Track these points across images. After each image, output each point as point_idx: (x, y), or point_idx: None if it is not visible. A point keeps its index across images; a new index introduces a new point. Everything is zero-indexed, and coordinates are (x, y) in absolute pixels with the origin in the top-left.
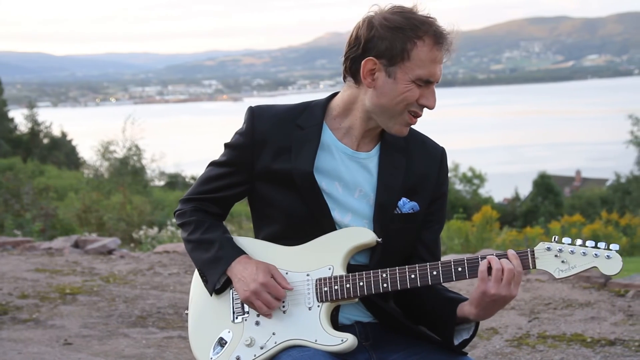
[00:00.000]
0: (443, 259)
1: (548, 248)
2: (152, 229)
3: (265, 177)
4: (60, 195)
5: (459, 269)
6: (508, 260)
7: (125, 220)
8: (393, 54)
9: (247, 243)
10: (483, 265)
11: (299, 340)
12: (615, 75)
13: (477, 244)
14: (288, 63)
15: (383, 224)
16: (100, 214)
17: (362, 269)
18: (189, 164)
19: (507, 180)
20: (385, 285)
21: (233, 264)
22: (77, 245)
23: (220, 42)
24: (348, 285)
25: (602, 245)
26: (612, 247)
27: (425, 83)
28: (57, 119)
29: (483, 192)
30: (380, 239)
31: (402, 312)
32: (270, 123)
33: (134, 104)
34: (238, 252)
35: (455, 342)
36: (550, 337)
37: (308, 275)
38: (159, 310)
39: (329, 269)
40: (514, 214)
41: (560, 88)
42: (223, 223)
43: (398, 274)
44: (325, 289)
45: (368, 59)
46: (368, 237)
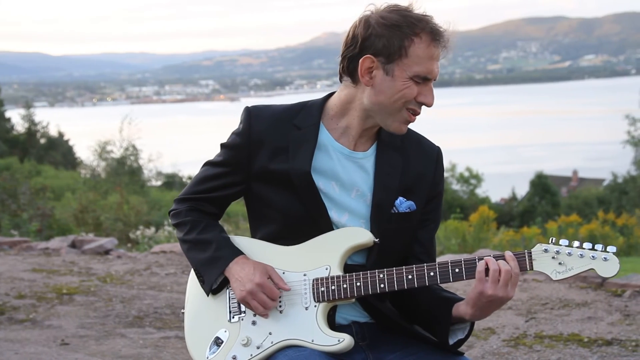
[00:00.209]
0: (440, 260)
1: (545, 250)
2: (149, 229)
3: (262, 177)
4: (57, 195)
5: (456, 270)
6: (505, 262)
7: (122, 220)
8: (391, 52)
9: (244, 242)
10: (481, 266)
11: (296, 340)
12: (612, 76)
13: (474, 244)
14: (285, 63)
15: (380, 224)
16: (97, 214)
17: (359, 269)
18: (186, 164)
19: (504, 180)
20: (383, 286)
21: (231, 265)
22: (74, 246)
23: (218, 42)
24: (345, 286)
25: (599, 248)
26: (609, 249)
27: (423, 80)
28: (54, 119)
29: (480, 192)
30: (378, 239)
31: (397, 311)
32: (267, 123)
33: (131, 104)
34: (236, 252)
35: (450, 341)
36: (547, 337)
37: (305, 275)
38: (156, 311)
39: (326, 269)
40: (511, 214)
41: (558, 88)
42: (219, 222)
43: (395, 275)
44: (322, 289)
45: (366, 57)
46: (365, 237)
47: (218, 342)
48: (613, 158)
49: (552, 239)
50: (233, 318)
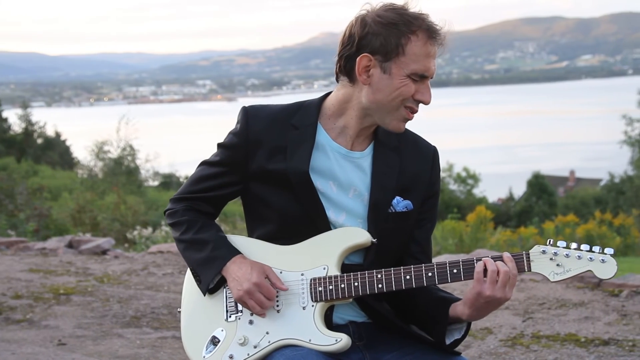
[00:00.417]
0: (438, 260)
1: (543, 251)
2: (146, 229)
3: (260, 177)
4: (54, 196)
5: (454, 271)
6: (503, 263)
7: (120, 221)
8: (388, 50)
9: (241, 242)
10: (479, 267)
11: (293, 340)
12: (609, 76)
13: (471, 244)
14: (282, 63)
15: (377, 223)
16: (94, 214)
17: (356, 269)
18: (183, 164)
19: (501, 180)
20: (380, 286)
21: (228, 264)
22: (71, 246)
23: (215, 42)
24: (343, 286)
25: (596, 249)
26: (606, 250)
27: (421, 78)
28: (51, 119)
29: (477, 192)
30: (375, 239)
31: (394, 311)
32: (265, 123)
33: (128, 104)
34: (233, 252)
35: (447, 341)
36: (544, 337)
37: (302, 275)
38: (153, 311)
39: (324, 269)
40: (508, 214)
41: (554, 88)
42: (215, 222)
43: (393, 275)
44: (320, 289)
45: (363, 56)
46: (363, 237)
47: (215, 341)
48: (610, 158)
49: (549, 240)
50: (230, 317)
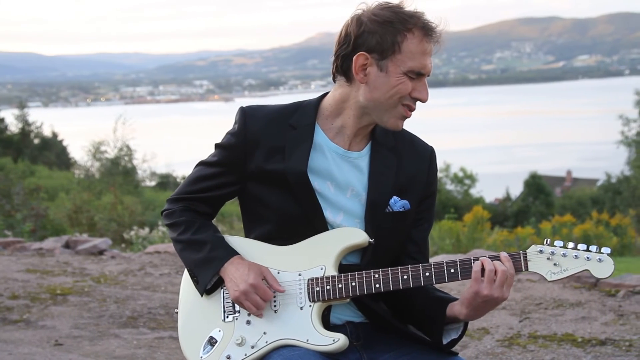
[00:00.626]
0: (435, 260)
1: (540, 251)
2: (143, 230)
3: (258, 177)
4: (51, 196)
5: (452, 271)
6: (501, 262)
7: (116, 221)
8: (384, 48)
9: (238, 242)
10: (477, 266)
11: (290, 340)
12: (606, 76)
13: (468, 244)
14: (279, 63)
15: (374, 223)
16: (91, 215)
17: (353, 269)
18: (180, 164)
19: (498, 181)
20: (378, 286)
21: (226, 265)
22: (67, 246)
23: (212, 42)
24: (340, 286)
25: (593, 249)
26: (603, 250)
27: (417, 75)
28: (47, 119)
29: (474, 192)
30: (373, 240)
31: (391, 311)
32: (263, 123)
33: (125, 104)
34: (231, 252)
35: (444, 341)
36: (541, 337)
37: (300, 275)
38: (150, 311)
39: (321, 269)
40: (505, 214)
41: (551, 88)
42: (213, 222)
43: (390, 275)
44: (317, 289)
45: (359, 54)
46: (360, 237)
47: (212, 341)
48: (607, 158)
49: (546, 240)
50: (227, 318)
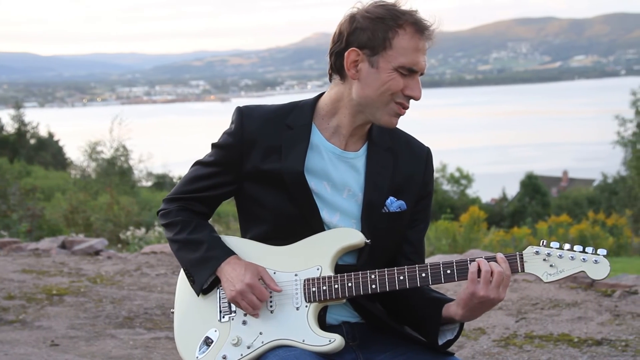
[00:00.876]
0: (432, 261)
1: (536, 252)
2: (139, 230)
3: (255, 177)
4: (47, 196)
5: (448, 272)
6: (497, 264)
7: (113, 221)
8: (375, 44)
9: (235, 242)
10: (473, 267)
11: (287, 340)
12: (602, 76)
13: (464, 244)
14: (276, 63)
15: (371, 223)
16: (88, 215)
17: (349, 269)
18: (177, 165)
19: (494, 181)
20: (374, 287)
21: (222, 265)
22: (64, 246)
23: (208, 42)
24: (336, 286)
25: (589, 250)
26: (599, 251)
27: (409, 72)
28: (44, 120)
29: (470, 192)
30: (369, 240)
31: (387, 312)
32: (259, 123)
33: (121, 104)
34: (228, 252)
35: (440, 342)
36: (538, 337)
37: (296, 276)
38: (146, 311)
39: (317, 270)
40: (502, 214)
41: (548, 88)
42: (209, 222)
43: (387, 275)
44: (314, 290)
45: (351, 50)
46: (357, 238)
47: (208, 341)
48: (603, 158)
49: (543, 241)
50: (223, 318)
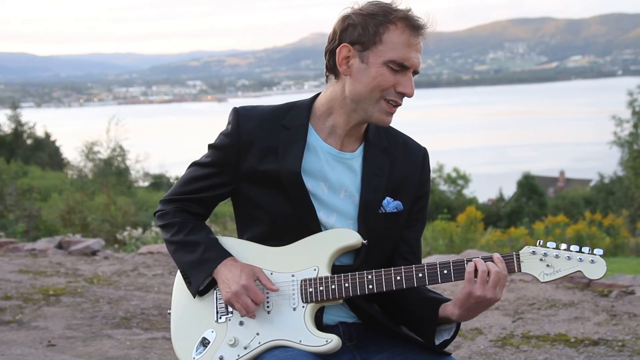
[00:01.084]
0: (428, 261)
1: (533, 252)
2: (136, 230)
3: (251, 177)
4: (44, 196)
5: (445, 272)
6: (494, 263)
7: (109, 221)
8: (366, 39)
9: (232, 243)
10: (470, 267)
11: (283, 341)
12: (599, 76)
13: (461, 245)
14: (272, 64)
15: (368, 224)
16: (84, 215)
17: (346, 270)
18: (173, 165)
19: (491, 181)
20: (371, 287)
21: (219, 266)
22: (60, 246)
23: (205, 42)
24: (333, 287)
25: (586, 250)
26: (596, 251)
27: (400, 67)
28: (40, 120)
29: (467, 192)
30: (366, 241)
31: (383, 311)
32: (256, 123)
33: (118, 105)
34: (224, 254)
35: (436, 342)
36: (534, 337)
37: (293, 276)
38: (143, 312)
39: (314, 270)
40: (498, 215)
41: (544, 89)
42: (206, 223)
43: (384, 276)
44: (310, 290)
45: (342, 46)
46: (353, 238)
47: (205, 342)
48: (600, 159)
49: (539, 241)
50: (220, 318)
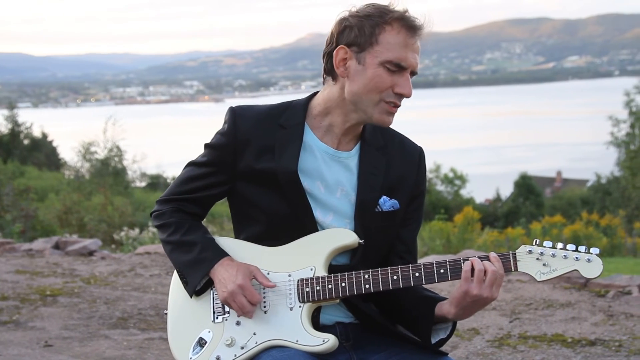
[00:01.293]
0: (425, 260)
1: (530, 251)
2: (133, 230)
3: (248, 177)
4: (41, 197)
5: (441, 271)
6: (490, 263)
7: (106, 222)
8: (362, 41)
9: (228, 243)
10: (467, 266)
11: (280, 341)
12: (596, 77)
13: (458, 245)
14: (270, 64)
15: (364, 223)
16: (81, 215)
17: (343, 269)
18: (170, 165)
19: (488, 181)
20: (368, 286)
21: (216, 266)
22: (57, 247)
23: (202, 42)
24: (330, 286)
25: (582, 249)
26: (592, 250)
27: (397, 68)
28: (37, 120)
29: (464, 192)
30: (362, 241)
31: (380, 311)
32: (253, 122)
33: (115, 105)
34: (221, 254)
35: (432, 341)
36: (531, 337)
37: (290, 276)
38: (140, 312)
39: (311, 270)
40: (495, 215)
41: (542, 89)
42: (202, 223)
43: (380, 275)
44: (307, 290)
45: (339, 48)
46: (350, 238)
47: (201, 342)
48: (597, 159)
49: (536, 241)
50: (217, 318)
